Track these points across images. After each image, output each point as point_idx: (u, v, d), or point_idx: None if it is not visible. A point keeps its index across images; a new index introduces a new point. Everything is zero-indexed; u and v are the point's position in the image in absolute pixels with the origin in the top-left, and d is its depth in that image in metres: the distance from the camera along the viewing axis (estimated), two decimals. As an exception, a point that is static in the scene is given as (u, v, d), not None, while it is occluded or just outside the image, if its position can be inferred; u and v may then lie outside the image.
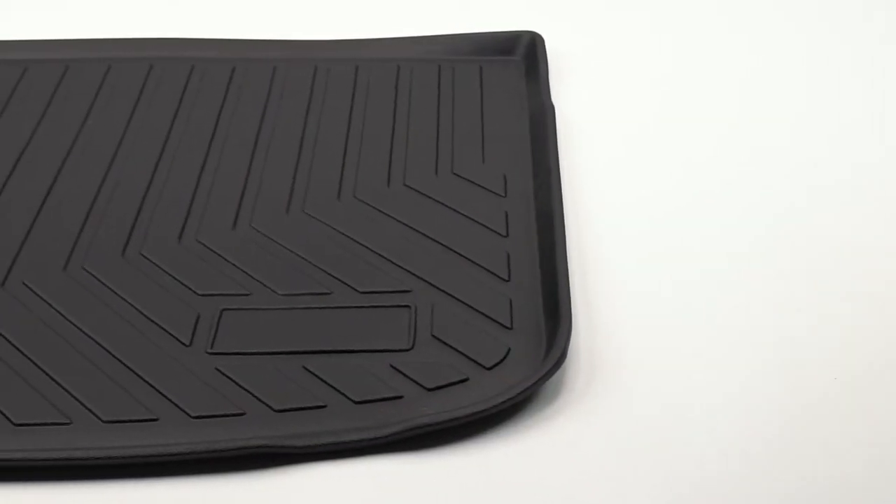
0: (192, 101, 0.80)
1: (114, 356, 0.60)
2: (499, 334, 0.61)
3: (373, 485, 0.54)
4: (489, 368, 0.59)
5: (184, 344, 0.61)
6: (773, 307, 0.63)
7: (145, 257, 0.67)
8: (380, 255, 0.66)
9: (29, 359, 0.60)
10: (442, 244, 0.67)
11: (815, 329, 0.62)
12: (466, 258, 0.66)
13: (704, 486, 0.54)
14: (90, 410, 0.57)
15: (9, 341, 0.61)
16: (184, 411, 0.57)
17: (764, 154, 0.76)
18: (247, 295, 0.64)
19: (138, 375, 0.59)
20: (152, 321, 0.62)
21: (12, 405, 0.57)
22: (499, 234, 0.68)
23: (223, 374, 0.59)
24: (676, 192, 0.72)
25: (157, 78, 0.83)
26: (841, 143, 0.77)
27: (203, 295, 0.64)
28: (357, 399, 0.57)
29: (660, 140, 0.78)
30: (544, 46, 0.84)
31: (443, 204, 0.70)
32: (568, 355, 0.59)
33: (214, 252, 0.67)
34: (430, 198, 0.71)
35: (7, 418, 0.56)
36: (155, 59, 0.85)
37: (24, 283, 0.65)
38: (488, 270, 0.65)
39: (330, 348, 0.60)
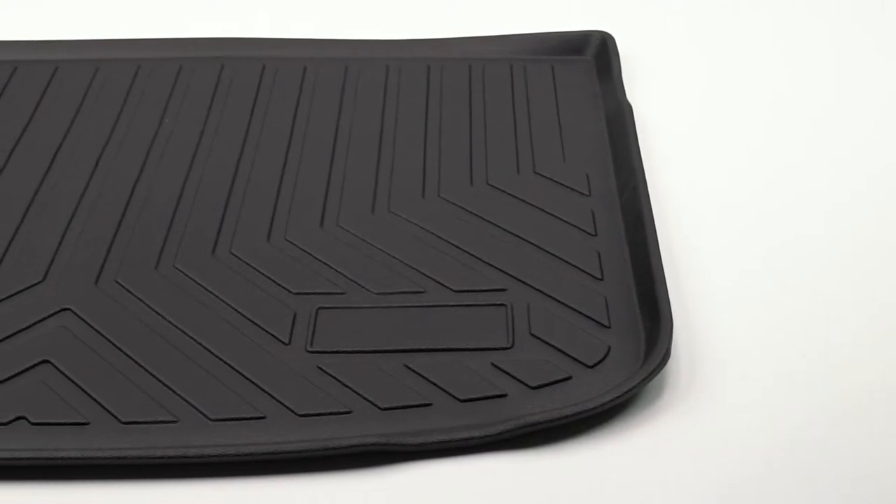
0: (267, 100, 0.80)
1: (214, 354, 0.60)
2: (597, 333, 0.61)
3: (484, 482, 0.54)
4: (591, 367, 0.59)
5: (283, 342, 0.61)
6: (880, 305, 0.63)
7: (235, 256, 0.67)
8: (470, 253, 0.66)
9: (130, 357, 0.60)
10: (532, 243, 0.67)
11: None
12: (558, 257, 0.66)
13: (809, 491, 0.54)
14: (197, 409, 0.57)
15: (108, 339, 0.61)
16: (290, 409, 0.57)
17: (854, 148, 0.76)
18: (341, 294, 0.64)
19: (241, 374, 0.59)
20: (249, 320, 0.62)
21: (118, 403, 0.57)
22: (587, 232, 0.68)
23: (325, 372, 0.59)
24: (762, 189, 0.72)
25: (230, 78, 0.83)
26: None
27: (297, 293, 0.64)
28: (462, 397, 0.57)
29: (735, 137, 0.78)
30: (616, 46, 0.84)
31: (528, 203, 0.70)
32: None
33: (304, 251, 0.67)
34: (514, 196, 0.71)
35: (114, 416, 0.57)
36: (226, 59, 0.85)
37: (117, 282, 0.65)
38: (581, 269, 0.65)
39: (430, 347, 0.60)
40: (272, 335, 0.61)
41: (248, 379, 0.59)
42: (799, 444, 0.56)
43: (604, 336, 0.61)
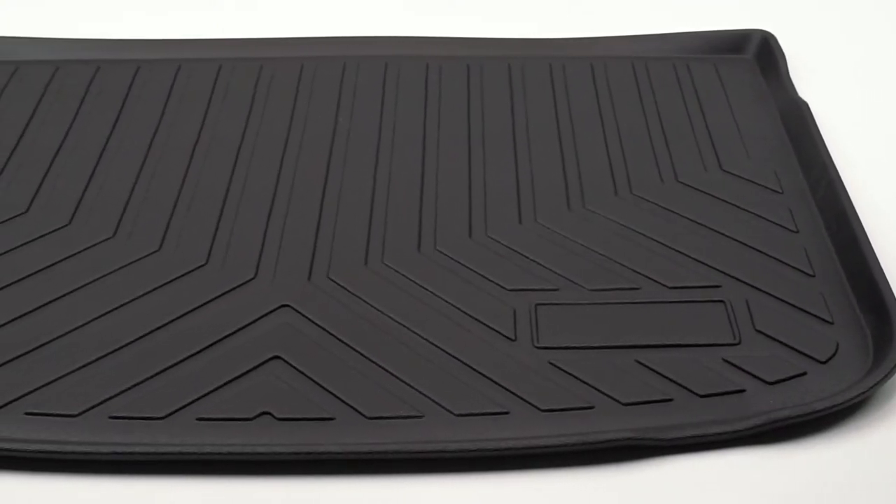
0: (438, 97, 0.81)
1: (442, 350, 0.60)
2: (822, 329, 0.61)
3: (734, 477, 0.54)
4: (823, 363, 0.59)
5: (509, 338, 0.61)
6: None
7: (441, 252, 0.67)
8: (676, 250, 0.66)
9: (359, 352, 0.60)
10: (736, 240, 0.67)
11: None
12: (766, 254, 0.66)
13: None
14: (439, 404, 0.57)
15: (333, 335, 0.61)
16: (532, 405, 0.57)
17: None
18: (555, 290, 0.64)
19: (474, 369, 0.59)
20: (470, 316, 0.62)
21: (360, 399, 0.57)
22: (789, 229, 0.68)
23: (559, 368, 0.59)
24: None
25: (395, 76, 0.83)
26: None
27: (512, 290, 0.64)
28: (701, 392, 0.57)
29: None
30: (779, 44, 0.84)
31: (721, 200, 0.70)
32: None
33: (507, 247, 0.67)
34: (706, 193, 0.71)
35: (358, 412, 0.57)
36: (391, 58, 0.85)
37: (329, 278, 0.65)
38: (791, 265, 0.65)
39: (660, 342, 0.60)
40: (497, 331, 0.61)
41: (483, 375, 0.59)
42: None
43: (829, 332, 0.61)
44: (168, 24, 0.92)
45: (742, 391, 0.58)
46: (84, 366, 0.59)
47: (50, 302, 0.63)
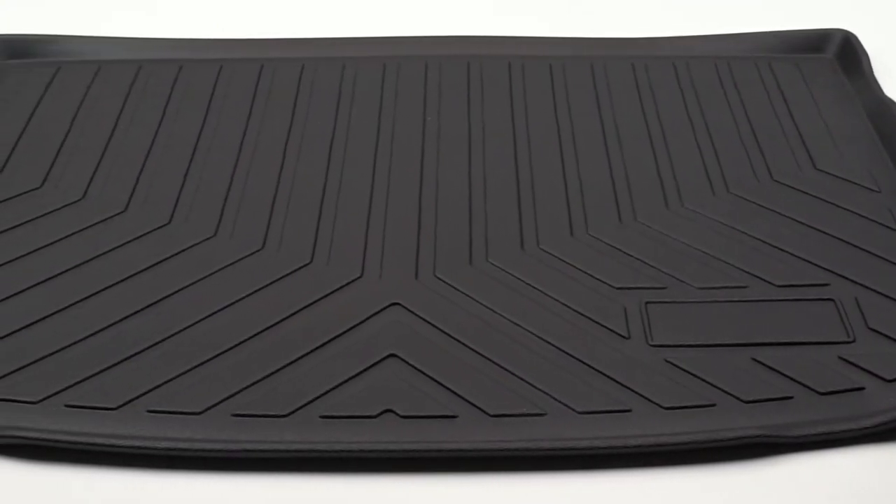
0: (523, 96, 0.81)
1: (557, 348, 0.60)
2: None
3: (864, 474, 0.55)
4: None
5: (623, 336, 0.61)
6: None
7: (545, 251, 0.67)
8: (779, 248, 0.66)
9: (475, 350, 0.60)
10: (838, 238, 0.67)
11: None
12: (870, 252, 0.66)
13: None
14: (561, 402, 0.57)
15: (446, 333, 0.61)
16: (654, 403, 0.57)
17: None
18: (663, 288, 0.64)
19: (591, 367, 0.59)
20: (581, 314, 0.62)
21: (481, 396, 0.57)
22: (890, 228, 0.68)
23: (675, 366, 0.59)
24: None
25: (479, 75, 0.83)
26: None
27: (620, 288, 0.64)
28: (821, 390, 0.58)
29: None
30: (861, 44, 0.84)
31: (818, 198, 0.70)
32: None
33: (610, 245, 0.67)
34: (803, 192, 0.71)
35: (481, 410, 0.57)
36: (472, 57, 0.85)
37: (436, 277, 0.65)
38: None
39: (774, 340, 0.60)
40: (610, 329, 0.61)
41: (601, 372, 0.59)
42: None
43: None
44: (250, 24, 0.92)
45: (861, 389, 0.58)
46: (200, 364, 0.59)
47: (158, 301, 0.63)
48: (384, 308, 0.63)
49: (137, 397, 0.58)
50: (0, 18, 0.91)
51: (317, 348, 0.60)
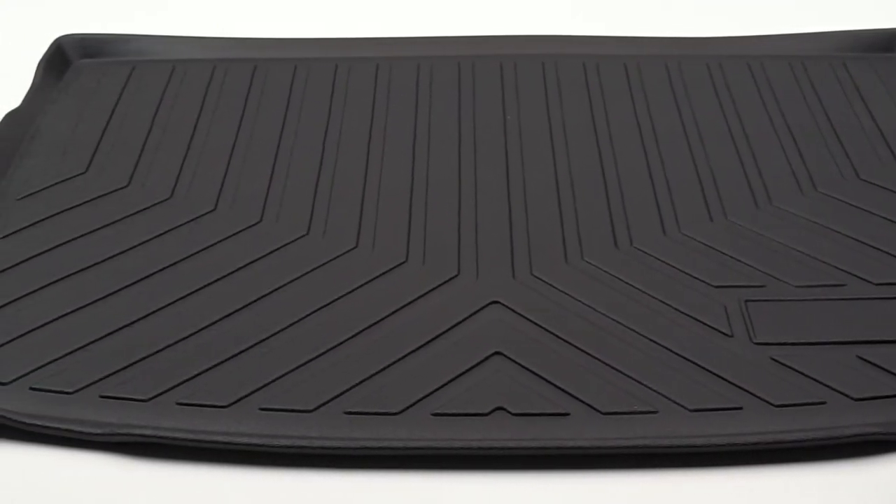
0: (600, 96, 0.81)
1: (661, 345, 0.60)
2: None
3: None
4: None
5: (725, 334, 0.61)
6: None
7: (639, 249, 0.67)
8: (873, 246, 0.66)
9: (578, 348, 0.60)
10: None
11: None
12: None
13: None
14: (671, 399, 0.57)
15: (548, 331, 0.61)
16: (765, 401, 0.57)
17: None
18: (761, 287, 0.64)
19: (698, 365, 0.59)
20: (682, 312, 0.62)
21: (591, 394, 0.58)
22: None
23: (781, 363, 0.59)
24: None
25: (555, 74, 0.83)
26: None
27: (718, 287, 0.64)
28: None
29: None
30: None
31: None
32: None
33: (704, 244, 0.67)
34: (890, 190, 0.71)
35: (593, 408, 0.57)
36: (546, 57, 0.85)
37: (533, 275, 0.65)
38: None
39: (877, 338, 0.60)
40: (712, 327, 0.62)
41: (708, 370, 0.59)
42: None
43: None
44: (326, 23, 0.93)
45: None
46: (308, 362, 0.60)
47: (258, 300, 0.64)
48: (484, 306, 0.63)
49: (248, 395, 0.58)
50: (70, 18, 0.91)
51: (421, 346, 0.61)
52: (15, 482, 0.55)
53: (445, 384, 0.58)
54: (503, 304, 0.63)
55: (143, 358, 0.60)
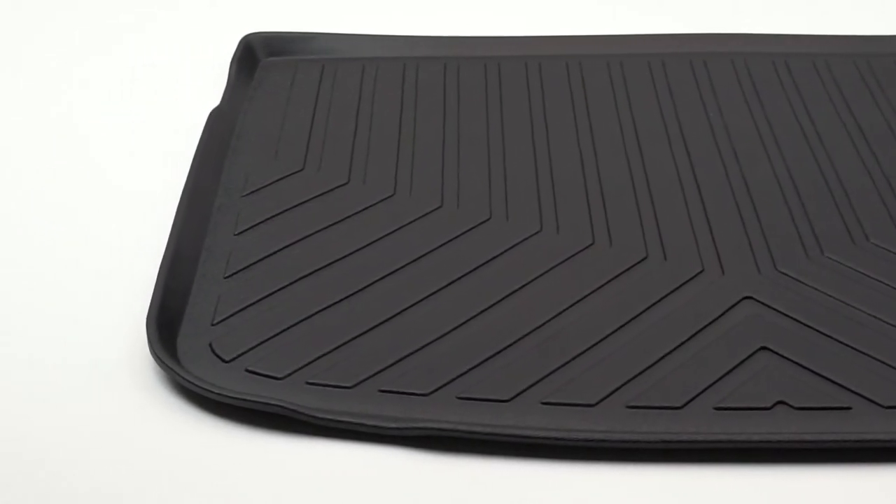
0: (795, 91, 0.82)
1: None
2: None
3: None
4: None
5: None
6: None
7: (877, 245, 0.67)
8: None
9: (846, 344, 0.60)
10: None
11: None
12: None
13: None
14: (865, 397, 0.57)
15: (813, 328, 0.61)
16: None
17: None
18: None
19: None
20: None
21: (871, 389, 0.58)
22: None
23: None
24: None
25: (746, 72, 0.84)
26: None
27: None
28: None
29: None
30: None
31: None
32: None
33: None
34: None
35: (874, 402, 0.57)
36: (734, 55, 0.86)
37: (778, 270, 0.65)
38: None
39: None
40: None
41: None
42: None
43: None
44: (519, 22, 0.94)
45: None
46: (500, 351, 0.60)
47: (441, 288, 0.64)
48: (737, 302, 0.63)
49: (447, 383, 0.58)
50: (255, 17, 0.91)
51: (685, 341, 0.61)
52: (306, 474, 0.55)
53: (720, 378, 0.58)
54: (756, 300, 0.63)
55: (414, 352, 0.60)
